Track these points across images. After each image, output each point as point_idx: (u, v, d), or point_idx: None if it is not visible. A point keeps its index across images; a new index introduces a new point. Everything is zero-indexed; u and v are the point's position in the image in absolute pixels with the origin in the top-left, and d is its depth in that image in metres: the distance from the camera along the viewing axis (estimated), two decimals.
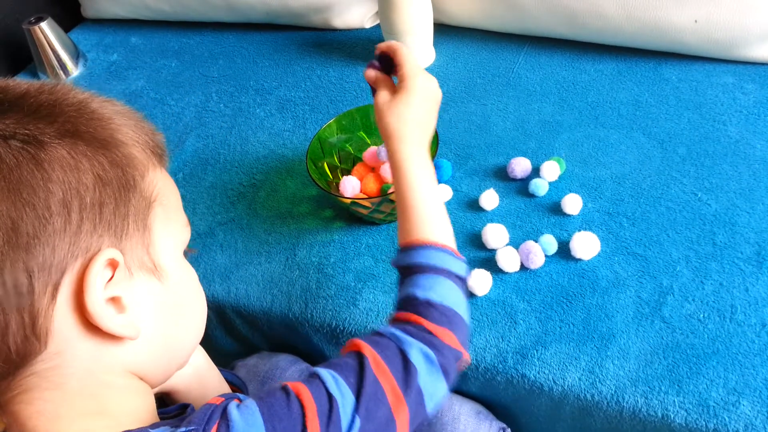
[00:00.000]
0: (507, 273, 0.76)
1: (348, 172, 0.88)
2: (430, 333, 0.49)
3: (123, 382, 0.40)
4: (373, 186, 0.84)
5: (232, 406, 0.40)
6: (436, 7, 1.10)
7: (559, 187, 0.84)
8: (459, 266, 0.55)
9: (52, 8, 1.39)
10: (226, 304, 0.83)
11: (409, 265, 0.55)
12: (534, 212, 0.82)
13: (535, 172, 0.86)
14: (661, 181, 0.82)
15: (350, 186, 0.83)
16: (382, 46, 0.68)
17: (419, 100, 0.62)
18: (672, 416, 0.63)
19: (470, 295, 0.74)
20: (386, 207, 0.79)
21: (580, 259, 0.75)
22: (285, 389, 0.43)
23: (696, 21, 0.92)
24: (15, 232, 0.33)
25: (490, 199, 0.83)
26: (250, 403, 0.41)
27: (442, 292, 0.52)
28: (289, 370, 0.80)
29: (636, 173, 0.84)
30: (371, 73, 0.68)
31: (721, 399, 0.62)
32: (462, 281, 0.55)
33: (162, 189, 0.42)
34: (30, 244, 0.33)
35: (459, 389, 0.77)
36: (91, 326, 0.37)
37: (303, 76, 1.13)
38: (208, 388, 0.60)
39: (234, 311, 0.83)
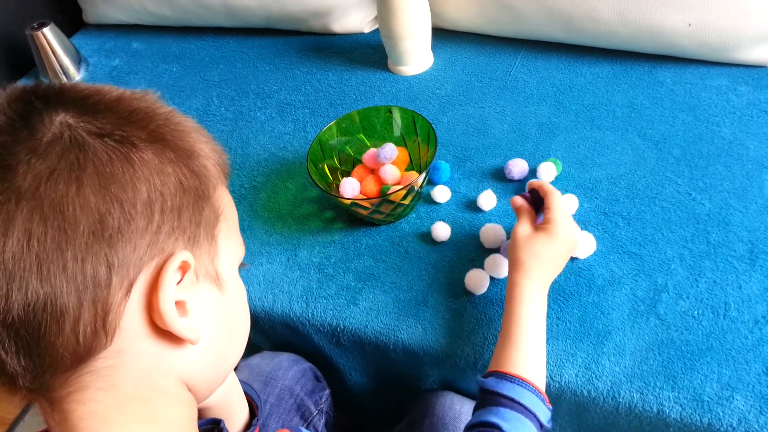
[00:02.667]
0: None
1: (348, 174, 0.89)
2: None
3: (175, 390, 0.40)
4: (372, 187, 0.86)
5: None
6: (435, 11, 1.11)
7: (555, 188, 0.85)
8: (545, 414, 0.58)
9: (54, 14, 1.40)
10: None
11: (499, 394, 0.58)
12: None
13: (532, 173, 0.88)
14: (655, 182, 0.84)
15: (350, 187, 0.84)
16: (534, 183, 0.72)
17: (558, 246, 0.66)
18: (667, 411, 0.64)
19: (468, 294, 0.76)
20: (386, 208, 0.80)
21: (576, 258, 0.77)
22: None
23: (690, 25, 0.94)
24: (101, 225, 0.34)
25: (488, 200, 0.84)
26: None
27: None
28: (291, 369, 0.81)
29: (631, 174, 0.86)
30: (519, 201, 0.72)
31: (715, 394, 0.64)
32: (543, 430, 0.58)
33: (227, 205, 0.43)
34: (113, 238, 0.34)
35: (459, 388, 0.78)
36: (155, 327, 0.37)
37: (303, 80, 1.14)
38: (233, 403, 0.62)
39: None
